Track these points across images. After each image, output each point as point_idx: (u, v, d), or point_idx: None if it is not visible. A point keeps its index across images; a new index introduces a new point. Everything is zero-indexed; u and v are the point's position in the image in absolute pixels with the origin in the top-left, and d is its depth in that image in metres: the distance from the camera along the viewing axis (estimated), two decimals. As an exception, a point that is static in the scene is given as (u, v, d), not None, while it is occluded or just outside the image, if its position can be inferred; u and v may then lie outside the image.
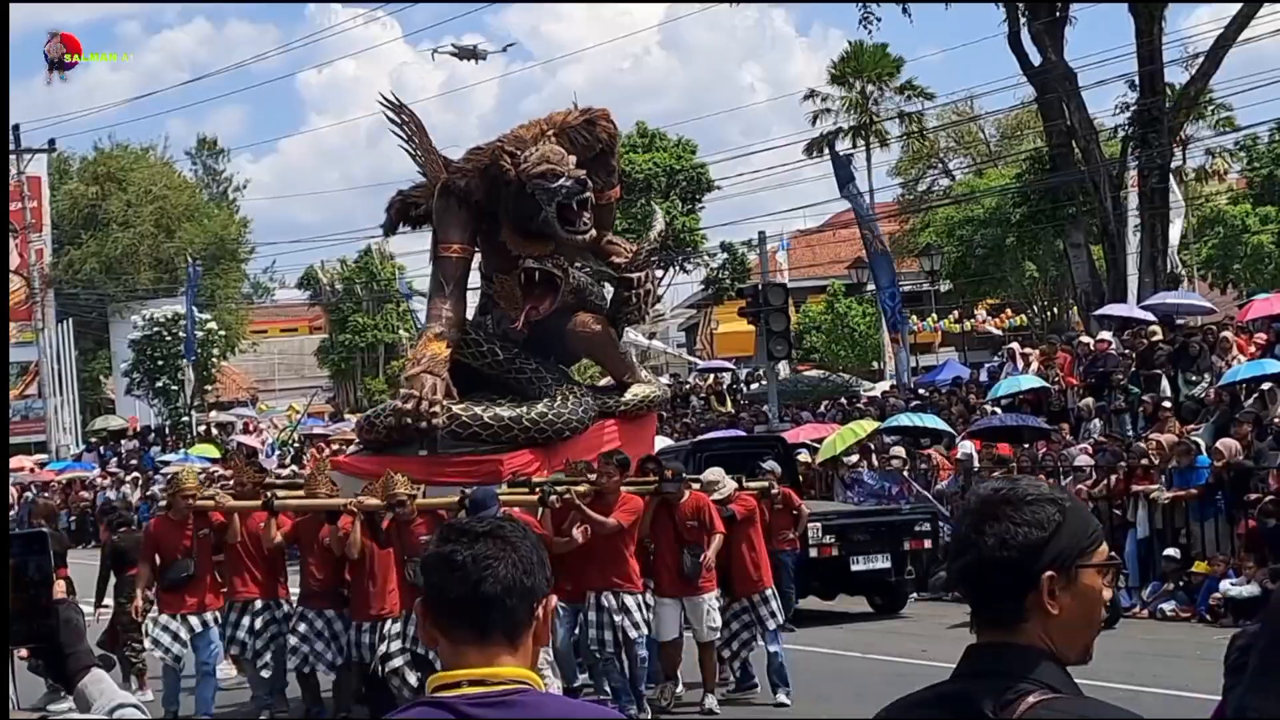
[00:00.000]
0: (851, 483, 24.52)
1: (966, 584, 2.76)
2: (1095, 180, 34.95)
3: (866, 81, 50.39)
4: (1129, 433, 22.34)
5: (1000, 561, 2.69)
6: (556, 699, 2.83)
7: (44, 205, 58.71)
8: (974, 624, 2.76)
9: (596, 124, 14.36)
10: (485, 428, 14.08)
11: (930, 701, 2.73)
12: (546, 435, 14.29)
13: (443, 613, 2.71)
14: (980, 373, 31.48)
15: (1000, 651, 2.68)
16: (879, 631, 19.07)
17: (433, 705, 2.66)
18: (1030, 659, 2.66)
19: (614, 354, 15.63)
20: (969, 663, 2.72)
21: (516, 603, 2.69)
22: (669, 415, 36.16)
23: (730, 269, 57.16)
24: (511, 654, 2.70)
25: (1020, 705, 2.57)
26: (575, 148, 14.08)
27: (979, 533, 2.72)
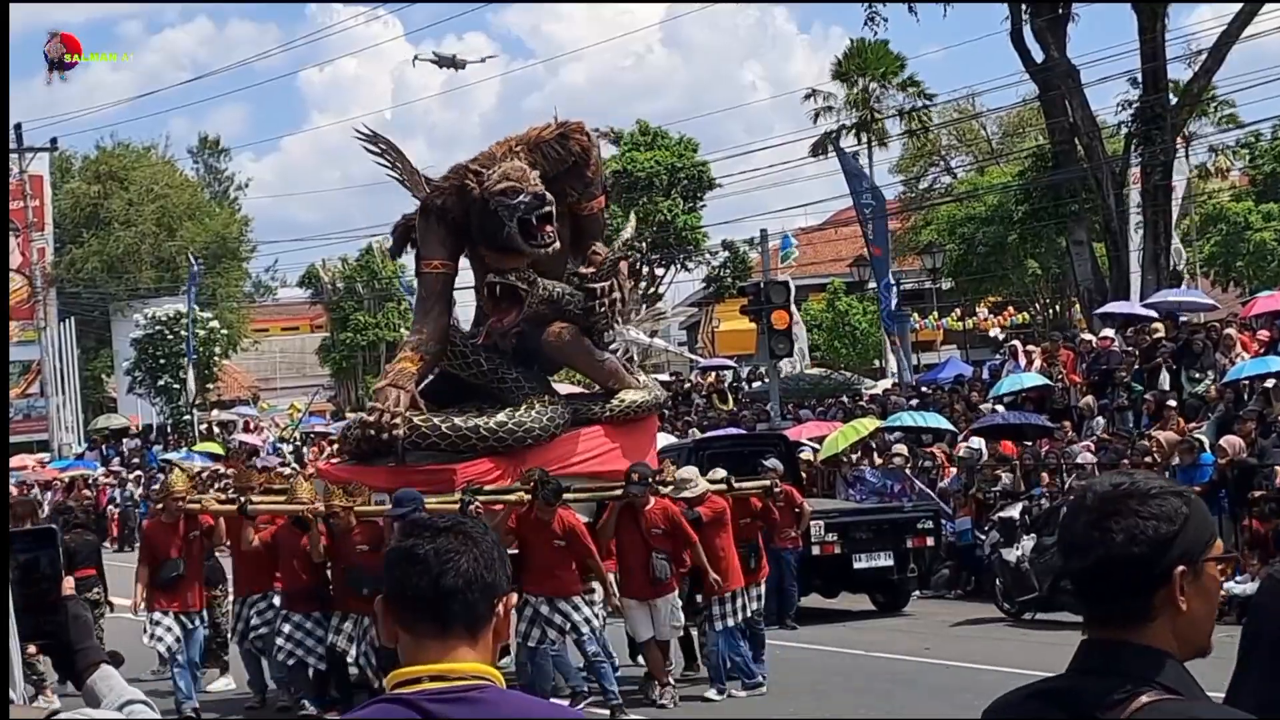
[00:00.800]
0: (854, 480, 24.52)
1: (1090, 583, 2.67)
2: (1098, 177, 34.92)
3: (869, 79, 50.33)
4: (1132, 430, 22.32)
5: (1131, 558, 2.62)
6: (517, 695, 2.79)
7: (46, 204, 58.73)
8: (1090, 623, 2.70)
9: (569, 138, 14.63)
10: (443, 437, 14.36)
11: (1040, 694, 2.69)
12: (506, 444, 14.44)
13: (404, 606, 2.71)
14: (982, 370, 31.46)
15: (1118, 650, 2.63)
16: (881, 629, 19.06)
17: (393, 702, 2.66)
18: (1151, 659, 2.61)
19: (590, 362, 15.54)
20: (1084, 660, 2.67)
21: (477, 597, 2.70)
22: (670, 413, 36.25)
23: (731, 267, 57.14)
24: (472, 648, 2.70)
25: (1131, 705, 2.54)
26: (547, 162, 14.48)
27: (1103, 530, 2.64)
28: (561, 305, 14.95)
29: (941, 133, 56.50)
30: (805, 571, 20.30)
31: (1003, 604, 19.00)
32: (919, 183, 59.02)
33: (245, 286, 75.13)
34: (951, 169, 59.26)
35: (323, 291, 66.63)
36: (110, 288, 62.32)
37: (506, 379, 14.94)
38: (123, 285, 62.39)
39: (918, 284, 51.44)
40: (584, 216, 15.07)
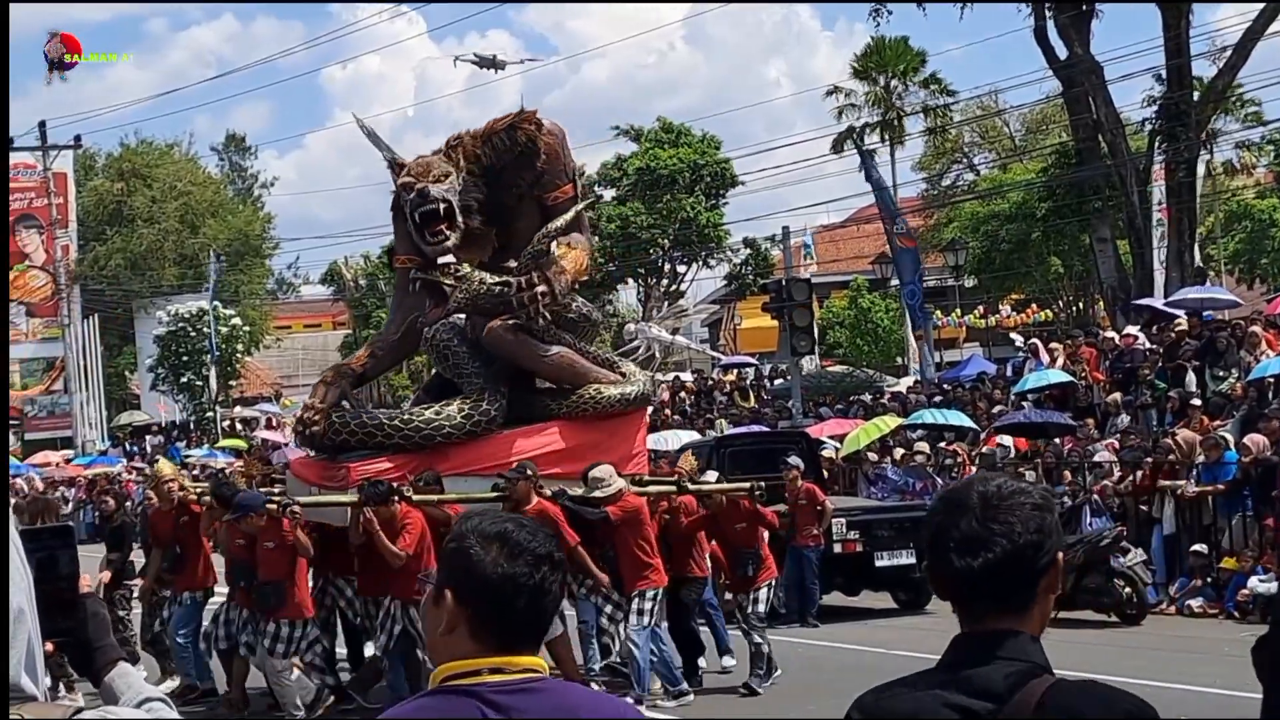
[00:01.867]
0: (875, 478, 24.48)
1: (984, 578, 2.77)
2: (1121, 174, 34.84)
3: (890, 76, 50.26)
4: (1155, 428, 22.24)
5: (1024, 549, 2.76)
6: (575, 687, 2.91)
7: (70, 201, 58.88)
8: (971, 616, 2.81)
9: (517, 128, 14.41)
10: (352, 434, 14.15)
11: (940, 684, 2.77)
12: (413, 440, 14.10)
13: (491, 624, 2.74)
14: (1005, 368, 31.38)
15: (1003, 638, 2.76)
16: (903, 627, 19.00)
17: (454, 693, 2.70)
18: (1032, 644, 2.78)
19: (534, 357, 14.72)
20: (970, 651, 2.78)
21: (552, 616, 2.83)
22: (693, 411, 36.21)
23: (753, 264, 57.08)
24: (535, 649, 2.78)
25: (1037, 689, 2.67)
26: (495, 153, 14.37)
27: (999, 524, 2.76)
28: (496, 300, 14.42)
29: (964, 129, 56.38)
30: (827, 569, 20.26)
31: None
32: (941, 180, 58.88)
33: (268, 284, 75.29)
34: (974, 166, 59.09)
35: (345, 289, 66.75)
36: (133, 285, 62.48)
37: (464, 373, 14.62)
38: (146, 282, 62.54)
39: (940, 281, 51.32)
40: (550, 207, 14.71)
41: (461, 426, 14.18)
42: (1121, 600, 18.00)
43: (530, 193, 14.78)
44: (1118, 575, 18.03)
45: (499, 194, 14.65)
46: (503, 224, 14.92)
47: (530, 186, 14.70)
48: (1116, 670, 14.28)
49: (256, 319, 65.48)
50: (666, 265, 58.59)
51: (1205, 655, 15.30)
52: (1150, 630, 17.48)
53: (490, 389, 14.46)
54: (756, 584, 14.87)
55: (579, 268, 14.80)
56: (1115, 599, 17.99)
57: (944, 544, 2.80)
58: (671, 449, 26.43)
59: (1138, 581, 18.10)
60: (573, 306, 15.10)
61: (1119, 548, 18.19)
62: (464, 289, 14.32)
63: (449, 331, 14.82)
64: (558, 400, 14.77)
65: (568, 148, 15.02)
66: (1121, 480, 20.41)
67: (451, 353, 14.71)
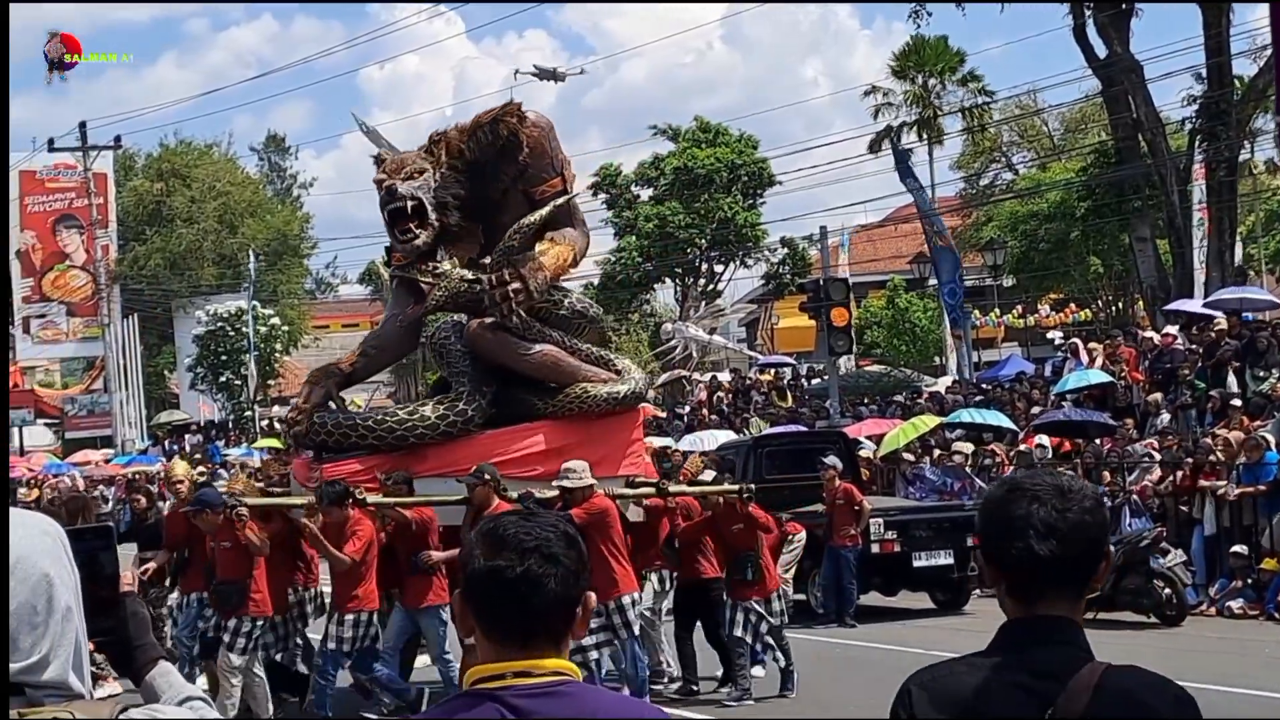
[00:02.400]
0: (914, 479, 24.42)
1: (1054, 565, 2.91)
2: (1161, 174, 34.66)
3: (928, 75, 50.13)
4: (1195, 428, 22.12)
5: (1092, 541, 2.94)
6: (601, 691, 2.88)
7: (110, 201, 59.24)
8: (1031, 599, 2.95)
9: (500, 121, 14.01)
10: (329, 435, 13.86)
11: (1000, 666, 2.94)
12: (386, 441, 13.75)
13: (489, 620, 2.76)
14: (1044, 368, 31.25)
15: (1059, 624, 2.94)
16: (941, 628, 18.94)
17: (479, 697, 2.71)
18: (1080, 630, 2.96)
19: (515, 356, 14.13)
20: (1029, 634, 2.94)
21: (561, 614, 2.76)
22: (730, 410, 36.18)
23: (791, 264, 57.01)
24: (555, 650, 2.76)
25: (1095, 671, 2.85)
26: (479, 147, 14.05)
27: (1075, 514, 2.93)
28: (476, 298, 14.11)
29: (1003, 129, 56.18)
30: (865, 569, 20.23)
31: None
32: (980, 179, 58.69)
33: (306, 283, 75.56)
34: (1013, 165, 58.88)
35: (383, 289, 66.85)
36: (173, 284, 62.82)
37: (455, 372, 14.36)
38: (185, 282, 62.87)
39: (979, 280, 51.16)
40: (537, 202, 14.21)
41: (435, 427, 13.81)
42: (1161, 601, 17.90)
43: (515, 187, 14.37)
44: (1157, 576, 17.94)
45: (484, 189, 14.31)
46: (488, 219, 14.48)
47: (514, 181, 14.31)
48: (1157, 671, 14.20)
49: (295, 318, 65.72)
50: (704, 265, 58.57)
51: (1245, 657, 15.22)
52: (1190, 631, 17.38)
53: (472, 389, 14.09)
54: (763, 592, 14.34)
55: (560, 263, 14.38)
56: (1155, 600, 17.90)
57: (1019, 529, 2.92)
58: (709, 448, 26.45)
59: (1177, 582, 18.01)
60: (564, 303, 14.71)
61: (1159, 548, 18.10)
62: (442, 286, 14.09)
63: (448, 330, 14.66)
64: (544, 399, 14.27)
65: (555, 141, 14.55)
66: (1161, 481, 20.30)
67: (448, 352, 14.49)
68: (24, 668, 2.35)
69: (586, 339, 14.79)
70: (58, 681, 2.39)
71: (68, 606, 2.44)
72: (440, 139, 14.19)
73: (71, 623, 2.45)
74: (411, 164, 14.09)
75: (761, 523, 14.36)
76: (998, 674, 2.91)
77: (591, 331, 15.04)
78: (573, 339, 14.52)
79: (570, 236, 14.60)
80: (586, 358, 14.47)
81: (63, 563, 2.46)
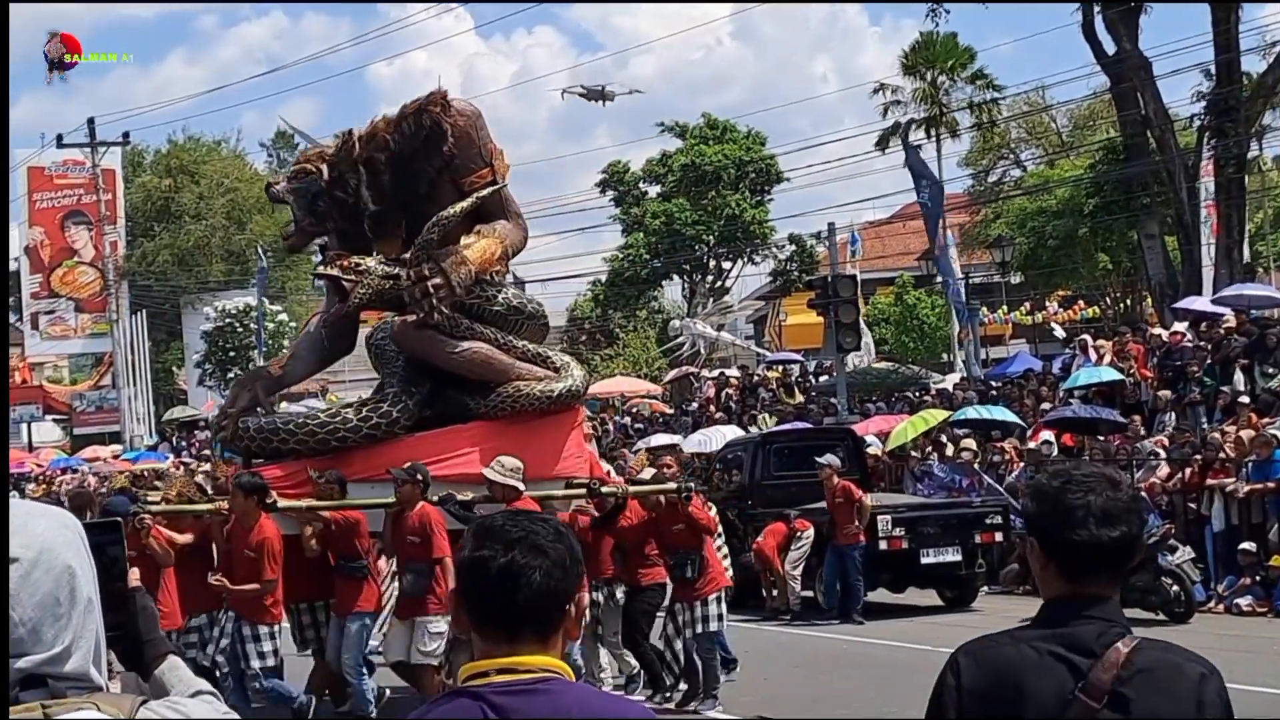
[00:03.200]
0: (921, 475, 24.41)
1: (1113, 549, 3.21)
2: (1170, 170, 34.62)
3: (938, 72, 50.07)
4: (1204, 425, 22.09)
5: (1139, 529, 3.27)
6: (583, 688, 2.86)
7: (118, 198, 59.29)
8: (1079, 578, 3.22)
9: (424, 110, 13.48)
10: (252, 440, 13.44)
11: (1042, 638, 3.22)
12: (309, 445, 13.27)
13: (476, 613, 2.78)
14: (1052, 365, 31.23)
15: (1102, 602, 3.22)
16: (949, 625, 18.93)
17: (463, 695, 2.73)
18: (1119, 608, 3.26)
19: (444, 354, 13.54)
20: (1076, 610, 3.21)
21: (548, 607, 2.75)
22: (738, 408, 36.15)
23: (799, 261, 56.98)
24: (540, 645, 2.76)
25: (1128, 644, 3.13)
26: (404, 139, 13.56)
27: (1128, 502, 3.25)
28: (395, 295, 13.45)
29: (1011, 126, 56.09)
30: (872, 566, 20.25)
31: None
32: (988, 176, 58.62)
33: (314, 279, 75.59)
34: (1021, 162, 58.80)
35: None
36: (181, 281, 62.86)
37: (388, 372, 13.94)
38: (193, 278, 62.92)
39: (987, 277, 51.09)
40: (466, 194, 13.54)
41: (358, 429, 13.27)
42: (1169, 598, 17.89)
43: (443, 179, 13.72)
44: (1166, 573, 17.92)
45: (412, 181, 13.70)
46: (417, 213, 13.68)
47: (441, 172, 13.67)
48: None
49: (303, 314, 65.71)
50: (711, 262, 58.58)
51: (1254, 654, 15.18)
52: (1198, 629, 17.34)
53: (400, 389, 13.60)
54: (702, 592, 13.82)
55: (487, 257, 13.60)
56: (1163, 597, 17.89)
57: (1079, 518, 3.20)
58: (715, 447, 26.45)
59: (1186, 579, 17.99)
60: (498, 298, 14.06)
61: (1167, 546, 18.09)
62: (365, 284, 13.31)
63: (385, 330, 14.17)
64: (476, 399, 13.63)
65: (483, 129, 13.85)
66: (1170, 478, 20.28)
67: (383, 353, 14.02)
68: (47, 659, 2.36)
69: (525, 336, 14.13)
70: (79, 673, 2.41)
71: (89, 599, 2.46)
72: (349, 137, 13.70)
73: (93, 615, 2.46)
74: (303, 163, 13.81)
75: (704, 523, 13.89)
76: (1038, 645, 3.18)
77: (531, 328, 14.36)
78: (508, 336, 13.89)
79: (501, 229, 13.88)
80: (522, 355, 13.85)
81: (83, 555, 2.48)
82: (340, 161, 13.67)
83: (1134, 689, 3.08)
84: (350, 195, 13.67)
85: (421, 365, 13.70)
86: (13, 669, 2.34)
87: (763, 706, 13.84)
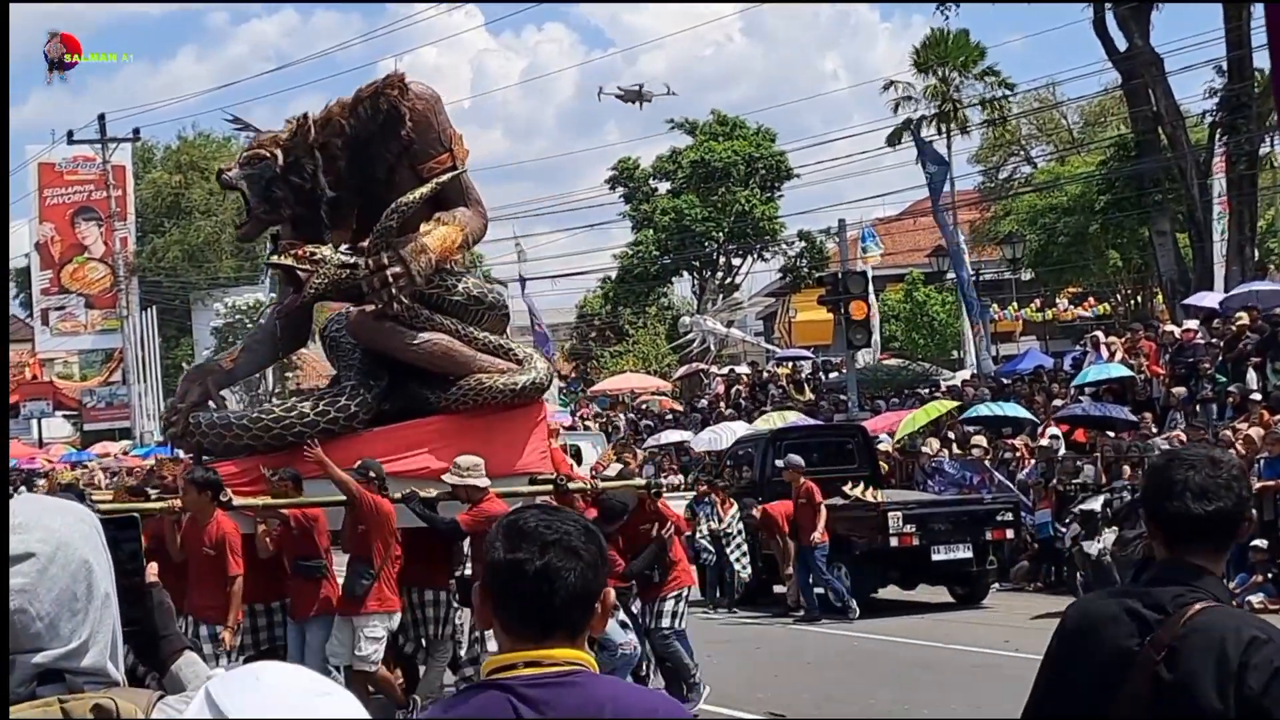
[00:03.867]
0: (932, 472, 24.38)
1: (1208, 522, 3.47)
2: (1181, 167, 34.55)
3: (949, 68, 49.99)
4: (1216, 422, 22.04)
5: (1240, 505, 3.51)
6: (613, 681, 2.89)
7: (128, 194, 59.30)
8: (1178, 547, 3.50)
9: (380, 94, 12.96)
10: (205, 435, 12.84)
11: (1127, 594, 3.59)
12: (264, 441, 12.73)
13: (508, 613, 2.76)
14: (1063, 362, 31.18)
15: (1198, 570, 3.48)
16: (960, 622, 18.93)
17: (490, 687, 2.71)
18: (1216, 580, 3.53)
19: (403, 346, 13.02)
20: (1167, 573, 3.51)
21: (582, 608, 2.75)
22: (747, 404, 36.13)
23: (808, 257, 56.95)
24: (570, 643, 2.75)
25: (1194, 607, 3.37)
26: (359, 123, 12.98)
27: (1229, 480, 3.51)
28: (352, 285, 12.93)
29: (1022, 122, 56.01)
30: (883, 563, 20.27)
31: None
32: (999, 172, 58.54)
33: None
34: (1032, 159, 58.72)
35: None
36: (191, 277, 62.94)
37: (344, 366, 13.41)
38: (203, 274, 62.98)
39: (997, 274, 51.03)
40: (425, 180, 12.97)
41: (315, 424, 12.68)
42: (1181, 596, 17.82)
43: (401, 164, 13.18)
44: (1178, 571, 17.85)
45: (369, 167, 13.16)
46: (374, 200, 13.10)
47: (399, 158, 13.13)
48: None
49: (313, 311, 65.81)
50: (721, 258, 58.55)
51: (1267, 652, 15.15)
52: (1211, 627, 17.31)
53: (358, 383, 13.08)
54: (663, 591, 13.65)
55: (448, 245, 13.04)
56: (1175, 595, 17.83)
57: (1177, 491, 3.49)
58: (725, 444, 26.45)
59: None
60: (458, 288, 13.42)
61: (1179, 543, 18.01)
62: (321, 274, 12.74)
63: (340, 322, 13.63)
64: (437, 392, 13.09)
65: (442, 114, 13.40)
66: (1182, 475, 20.23)
67: (338, 345, 13.50)
68: (64, 654, 2.36)
69: (486, 327, 13.56)
70: (96, 668, 2.40)
71: (106, 594, 2.45)
72: (305, 121, 13.05)
73: (110, 610, 2.45)
74: (255, 149, 13.11)
75: (670, 519, 13.69)
76: (1124, 600, 3.53)
77: (492, 319, 13.76)
78: (468, 327, 13.33)
79: (461, 216, 13.29)
80: (484, 347, 13.31)
81: (100, 550, 2.48)
82: (295, 147, 13.05)
83: (1184, 644, 3.34)
84: (307, 180, 13.06)
85: (379, 357, 13.18)
86: (30, 663, 2.33)
87: (775, 704, 13.83)
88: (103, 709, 2.32)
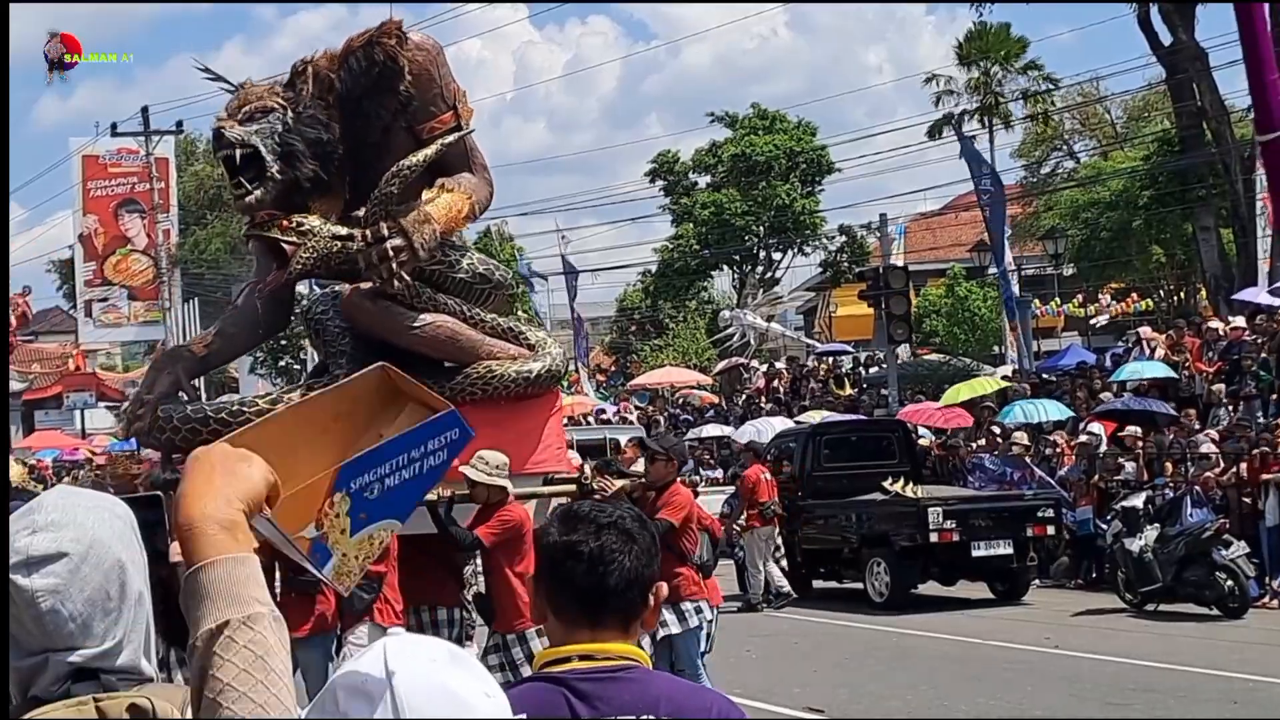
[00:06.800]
0: (972, 468, 24.27)
1: None
2: (1226, 162, 34.31)
3: (991, 62, 49.77)
4: (1260, 419, 21.87)
5: None
6: (668, 677, 2.89)
7: (171, 186, 59.61)
8: None
9: (376, 43, 11.32)
10: (175, 431, 11.27)
11: None
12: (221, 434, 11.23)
13: (564, 596, 2.77)
14: (1105, 358, 31.02)
15: None
16: (1000, 618, 18.84)
17: (544, 681, 2.71)
18: None
19: (400, 328, 11.45)
20: None
21: (635, 594, 2.76)
22: (788, 398, 36.06)
23: (849, 252, 56.80)
24: (623, 636, 2.76)
25: None
26: (351, 77, 11.35)
27: None
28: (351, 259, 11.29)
29: (1065, 117, 55.73)
30: (923, 559, 20.23)
31: (1125, 594, 18.70)
32: (1041, 167, 58.26)
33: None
34: (1075, 154, 58.41)
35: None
36: (233, 269, 63.18)
37: (333, 351, 11.82)
38: (245, 266, 63.13)
39: (1039, 270, 50.78)
40: (425, 141, 11.42)
41: None
42: (1223, 593, 17.71)
43: (398, 124, 11.59)
44: (1220, 568, 17.74)
45: (362, 128, 11.55)
46: (367, 164, 11.56)
47: (396, 116, 11.54)
48: (1218, 664, 14.05)
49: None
50: (761, 252, 58.45)
51: (1310, 651, 15.04)
52: (1252, 624, 17.19)
53: (348, 371, 10.57)
54: None
55: (454, 215, 11.58)
56: (1217, 592, 17.72)
57: None
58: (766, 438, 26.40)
59: (1240, 574, 17.80)
60: (462, 264, 11.94)
61: (1221, 540, 17.90)
62: (309, 247, 11.21)
63: (325, 302, 12.14)
64: (440, 381, 11.13)
65: (445, 67, 11.78)
66: (1224, 472, 20.08)
67: (324, 328, 11.89)
68: (98, 654, 2.36)
69: (491, 307, 12.20)
70: (130, 667, 2.39)
71: (139, 592, 2.43)
72: (305, 69, 11.52)
73: (144, 608, 2.44)
74: (256, 101, 11.31)
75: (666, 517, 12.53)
76: None
77: (497, 299, 12.45)
78: (474, 308, 11.90)
79: (467, 183, 11.76)
80: (492, 330, 11.89)
81: (134, 546, 2.46)
82: (299, 97, 11.44)
83: None
84: (325, 132, 11.37)
85: (373, 342, 11.41)
86: (64, 662, 2.33)
87: (812, 699, 13.79)
88: (139, 708, 2.31)
